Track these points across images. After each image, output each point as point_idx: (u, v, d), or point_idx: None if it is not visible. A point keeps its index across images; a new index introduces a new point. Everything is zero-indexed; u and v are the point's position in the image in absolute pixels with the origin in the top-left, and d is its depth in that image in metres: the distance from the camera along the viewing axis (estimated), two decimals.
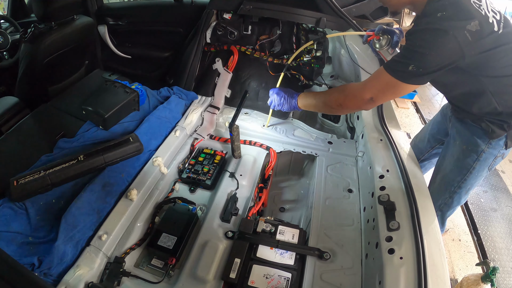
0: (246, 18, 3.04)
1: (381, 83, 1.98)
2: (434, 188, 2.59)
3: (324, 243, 1.98)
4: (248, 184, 2.34)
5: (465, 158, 2.37)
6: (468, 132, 2.33)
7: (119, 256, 1.78)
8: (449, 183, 2.50)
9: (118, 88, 2.48)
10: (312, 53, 3.13)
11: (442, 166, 2.57)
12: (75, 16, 3.02)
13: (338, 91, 2.20)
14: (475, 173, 2.38)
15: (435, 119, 2.85)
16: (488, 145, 2.27)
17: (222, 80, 3.04)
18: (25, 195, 1.78)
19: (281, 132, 2.80)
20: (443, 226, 2.78)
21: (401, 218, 1.80)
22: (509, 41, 1.92)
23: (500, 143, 2.25)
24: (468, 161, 2.36)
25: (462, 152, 2.38)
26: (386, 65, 1.95)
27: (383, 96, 2.03)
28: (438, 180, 2.58)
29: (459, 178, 2.44)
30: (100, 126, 2.32)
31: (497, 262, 3.66)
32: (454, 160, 2.45)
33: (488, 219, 4.19)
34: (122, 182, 2.05)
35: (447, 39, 1.76)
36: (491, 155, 2.31)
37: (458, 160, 2.41)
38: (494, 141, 2.25)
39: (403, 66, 1.86)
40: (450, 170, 2.48)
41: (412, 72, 1.84)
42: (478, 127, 2.26)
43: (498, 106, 2.10)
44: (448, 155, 2.52)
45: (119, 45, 3.60)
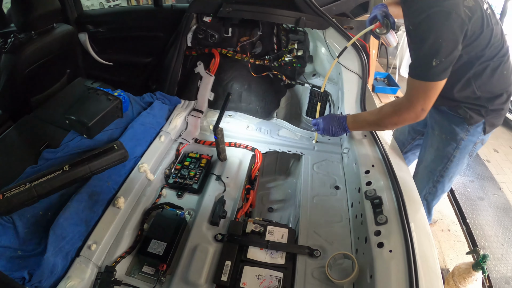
0: (226, 20, 3.05)
1: (420, 92, 1.98)
2: (418, 178, 2.64)
3: (314, 241, 1.99)
4: (235, 186, 2.34)
5: (445, 147, 2.42)
6: (446, 121, 2.37)
7: (110, 265, 1.77)
8: (431, 173, 2.55)
9: (101, 96, 2.46)
10: (294, 53, 3.15)
11: (423, 156, 2.62)
12: (55, 25, 3.00)
13: (389, 112, 2.14)
14: (456, 161, 2.43)
15: None
16: (467, 133, 2.32)
17: (205, 84, 3.05)
18: (11, 208, 1.76)
19: (265, 133, 2.81)
20: (429, 215, 2.83)
21: (388, 212, 1.82)
22: (492, 23, 1.96)
23: (478, 130, 2.30)
24: (448, 150, 2.42)
25: (442, 141, 2.43)
26: (413, 74, 1.97)
27: (430, 100, 1.99)
28: (421, 171, 2.64)
29: (440, 167, 2.49)
30: (84, 135, 2.31)
31: (487, 249, 3.71)
32: (434, 149, 2.50)
33: (476, 208, 4.25)
34: (109, 190, 2.04)
35: (452, 19, 1.78)
36: (471, 142, 2.36)
37: (438, 149, 2.47)
38: (472, 128, 2.30)
39: (427, 66, 1.87)
40: (431, 160, 2.53)
41: (438, 67, 1.85)
42: (455, 115, 2.31)
43: (476, 90, 2.14)
44: (428, 146, 2.57)
45: (100, 52, 3.58)
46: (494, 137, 5.82)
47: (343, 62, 2.73)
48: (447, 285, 3.09)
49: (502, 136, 5.93)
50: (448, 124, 2.38)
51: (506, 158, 5.36)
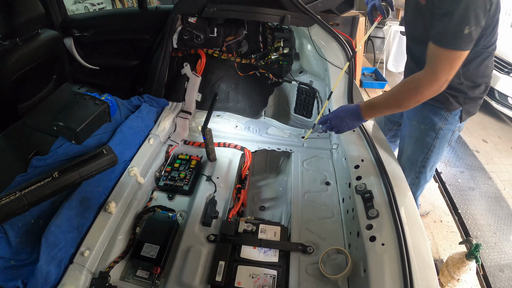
0: (211, 20, 3.04)
1: (447, 61, 1.87)
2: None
3: (307, 238, 2.01)
4: (225, 186, 2.35)
5: (424, 138, 2.45)
6: (424, 111, 2.40)
7: (104, 271, 1.78)
8: (413, 164, 2.58)
9: (88, 101, 2.44)
10: (280, 51, 3.16)
11: (403, 148, 2.65)
12: (40, 30, 2.97)
13: (408, 89, 2.03)
14: (436, 151, 2.46)
15: None
16: (445, 122, 2.35)
17: (192, 85, 3.05)
18: (2, 218, 1.74)
19: (254, 132, 2.83)
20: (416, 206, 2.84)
21: (379, 206, 1.84)
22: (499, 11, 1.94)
23: (455, 118, 2.33)
24: (428, 140, 2.44)
25: (421, 132, 2.45)
26: (441, 42, 1.85)
27: (454, 71, 1.90)
28: (402, 162, 2.65)
29: (421, 157, 2.52)
30: (72, 140, 2.29)
31: (480, 238, 3.75)
32: (414, 141, 2.52)
33: (467, 198, 4.28)
34: (100, 195, 2.04)
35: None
36: (449, 131, 2.39)
37: (418, 140, 2.49)
38: (450, 117, 2.33)
39: (458, 34, 1.79)
40: (412, 151, 2.56)
41: (468, 35, 1.78)
42: (433, 104, 2.33)
43: (462, 76, 2.15)
44: (407, 136, 2.59)
45: (86, 56, 3.56)
46: (482, 127, 5.87)
47: (329, 58, 2.74)
48: (441, 275, 3.11)
49: (491, 127, 5.98)
50: (427, 114, 2.40)
51: (495, 148, 5.41)
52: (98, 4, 8.13)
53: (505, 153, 5.34)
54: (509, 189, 4.56)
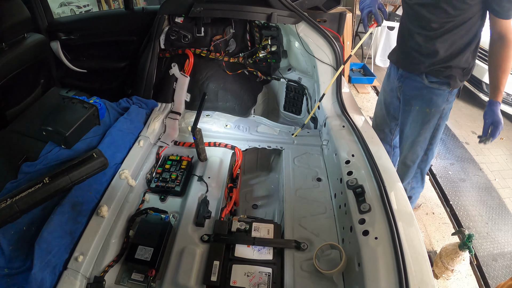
0: (198, 20, 3.04)
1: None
2: (409, 153, 2.82)
3: (300, 234, 2.02)
4: (217, 186, 2.34)
5: (430, 120, 2.62)
6: (427, 95, 2.58)
7: (99, 276, 1.76)
8: (422, 144, 2.74)
9: (76, 104, 2.43)
10: (268, 49, 3.16)
11: (409, 132, 2.78)
12: (26, 35, 2.95)
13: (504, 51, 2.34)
14: (440, 128, 2.66)
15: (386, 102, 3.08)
16: (447, 102, 2.56)
17: (180, 85, 3.03)
18: None
19: (244, 130, 2.82)
20: (423, 182, 3.01)
21: (371, 200, 1.86)
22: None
23: (453, 96, 2.57)
24: (434, 121, 2.63)
25: (427, 115, 2.62)
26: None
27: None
28: (409, 145, 2.80)
29: (429, 136, 2.69)
30: (62, 145, 2.27)
31: (472, 229, 3.78)
32: (419, 124, 2.67)
33: (458, 190, 4.31)
34: (91, 199, 2.02)
35: None
36: (449, 109, 2.61)
37: (424, 123, 2.65)
38: (451, 96, 2.54)
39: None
40: (419, 133, 2.70)
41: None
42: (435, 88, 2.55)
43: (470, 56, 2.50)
44: (410, 122, 2.73)
45: (73, 60, 3.53)
46: (471, 119, 5.92)
47: (317, 55, 2.75)
48: (435, 266, 3.13)
49: (480, 118, 5.95)
50: (430, 97, 2.58)
51: None
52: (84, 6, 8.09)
53: (494, 144, 5.36)
54: (499, 180, 4.60)
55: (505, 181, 4.59)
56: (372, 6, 2.42)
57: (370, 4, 2.44)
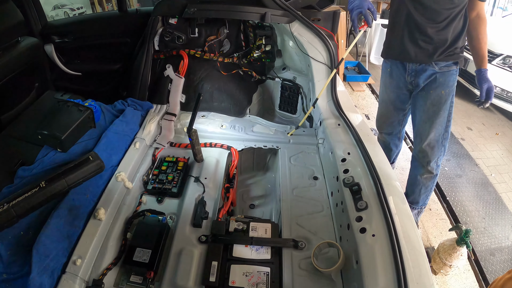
0: (192, 21, 3.04)
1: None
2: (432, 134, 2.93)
3: (298, 233, 2.02)
4: (214, 186, 2.34)
5: (447, 100, 2.79)
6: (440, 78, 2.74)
7: (97, 279, 1.76)
8: (442, 124, 2.87)
9: (71, 108, 2.42)
10: (262, 48, 3.16)
11: (429, 116, 2.89)
12: (20, 38, 2.93)
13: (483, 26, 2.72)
14: (453, 104, 2.83)
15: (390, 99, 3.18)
16: (454, 79, 2.75)
17: (175, 86, 3.02)
18: None
19: (240, 130, 2.82)
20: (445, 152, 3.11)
21: (368, 197, 1.86)
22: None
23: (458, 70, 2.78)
24: (449, 100, 2.80)
25: (442, 96, 2.77)
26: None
27: None
28: (430, 128, 2.91)
29: (447, 114, 2.84)
30: (58, 148, 2.27)
31: (469, 224, 3.80)
32: (436, 106, 2.82)
33: (454, 186, 4.33)
34: (88, 203, 2.01)
35: None
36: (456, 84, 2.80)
37: (440, 103, 2.79)
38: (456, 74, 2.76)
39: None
40: (438, 115, 2.83)
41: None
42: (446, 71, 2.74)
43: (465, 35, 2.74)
44: (428, 106, 2.87)
45: (68, 62, 3.50)
46: (466, 115, 5.94)
47: (311, 53, 2.75)
48: (433, 262, 3.14)
49: (474, 114, 6.04)
50: (443, 79, 2.75)
51: (480, 135, 5.47)
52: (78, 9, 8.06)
53: (490, 139, 5.41)
54: (495, 175, 4.62)
55: (501, 176, 4.61)
56: (362, 8, 2.42)
57: (360, 5, 2.44)
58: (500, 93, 5.66)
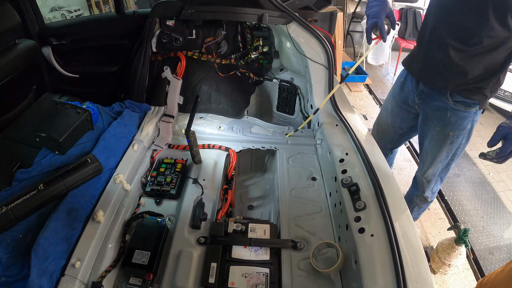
0: (189, 22, 3.04)
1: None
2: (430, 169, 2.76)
3: (296, 233, 2.03)
4: (212, 188, 2.34)
5: (453, 141, 2.51)
6: (452, 117, 2.39)
7: (96, 281, 1.76)
8: (443, 162, 2.66)
9: (69, 110, 2.42)
10: (259, 49, 3.17)
11: (431, 151, 2.67)
12: (17, 41, 2.92)
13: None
14: (463, 145, 2.55)
15: (394, 112, 2.92)
16: (472, 122, 2.38)
17: (173, 88, 3.03)
18: None
19: (238, 132, 2.83)
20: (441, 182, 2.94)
21: (366, 198, 1.88)
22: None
23: (479, 113, 2.37)
24: (457, 142, 2.51)
25: (450, 137, 2.49)
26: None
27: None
28: (430, 162, 2.72)
29: (451, 154, 2.60)
30: (56, 151, 2.27)
31: (468, 223, 3.82)
32: (440, 144, 2.56)
33: (453, 185, 4.34)
34: (87, 205, 2.02)
35: None
36: (474, 126, 2.44)
37: (445, 144, 2.54)
38: (477, 115, 2.36)
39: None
40: (442, 153, 2.61)
41: None
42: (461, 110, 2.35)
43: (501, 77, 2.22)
44: (430, 139, 2.62)
45: (65, 65, 3.50)
46: None
47: (309, 54, 2.76)
48: (432, 262, 3.16)
49: None
50: (454, 120, 2.40)
51: (477, 134, 5.48)
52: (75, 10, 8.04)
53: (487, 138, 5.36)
54: (493, 174, 4.63)
55: (499, 175, 4.62)
56: (379, 18, 2.17)
57: (378, 13, 2.19)
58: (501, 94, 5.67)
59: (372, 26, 2.22)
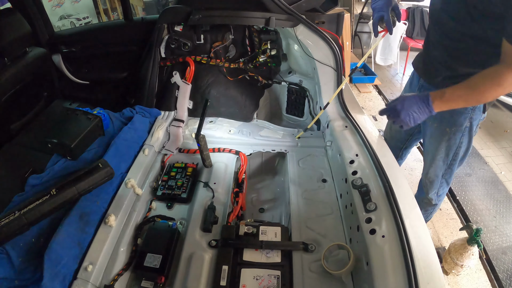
0: (197, 27, 3.05)
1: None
2: (431, 168, 2.69)
3: (307, 236, 2.03)
4: (223, 191, 2.36)
5: (451, 139, 2.44)
6: (447, 114, 2.31)
7: (108, 284, 1.77)
8: (444, 160, 2.59)
9: (80, 116, 2.45)
10: (267, 53, 3.17)
11: (430, 149, 2.63)
12: (28, 49, 2.95)
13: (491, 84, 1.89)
14: (464, 145, 2.47)
15: None
16: (470, 119, 2.33)
17: (182, 92, 3.04)
18: (3, 239, 1.75)
19: (247, 135, 2.84)
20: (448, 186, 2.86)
21: (377, 199, 1.86)
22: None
23: (479, 112, 2.32)
24: (455, 140, 2.44)
25: (447, 134, 2.44)
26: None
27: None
28: (430, 161, 2.66)
29: (451, 153, 2.53)
30: (67, 157, 2.30)
31: (480, 223, 3.78)
32: (438, 142, 2.51)
33: (464, 185, 4.30)
34: (99, 209, 2.03)
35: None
36: (475, 125, 2.38)
37: (444, 141, 2.48)
38: (475, 113, 2.31)
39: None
40: (440, 151, 2.55)
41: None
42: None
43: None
44: (432, 140, 2.58)
45: (75, 72, 3.54)
46: None
47: (317, 56, 2.76)
48: (445, 262, 3.13)
49: None
50: (450, 116, 2.36)
51: (488, 133, 5.43)
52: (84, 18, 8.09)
53: (498, 137, 5.37)
54: (505, 172, 4.59)
55: (511, 174, 4.58)
56: (385, 11, 2.18)
57: (383, 7, 2.21)
58: None
59: (379, 20, 2.24)
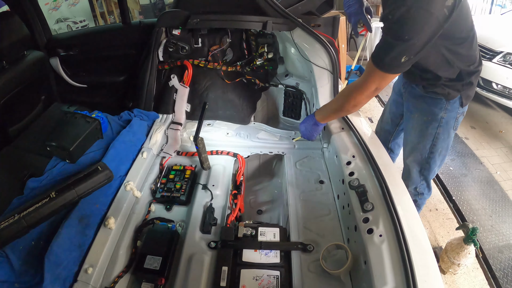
0: (195, 31, 3.07)
1: (378, 79, 2.01)
2: (410, 159, 2.72)
3: (306, 236, 2.04)
4: (221, 193, 2.37)
5: (427, 128, 2.49)
6: (423, 104, 2.46)
7: (109, 287, 1.77)
8: (421, 152, 2.62)
9: (79, 119, 2.45)
10: (264, 56, 3.19)
11: (409, 139, 2.69)
12: (26, 52, 2.96)
13: (344, 97, 2.24)
14: (441, 137, 2.51)
15: (391, 99, 2.98)
16: (445, 111, 2.40)
17: (180, 96, 3.05)
18: (3, 242, 1.75)
19: (245, 137, 2.85)
20: (429, 189, 2.89)
21: (373, 199, 1.88)
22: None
23: (455, 105, 2.37)
24: (431, 130, 2.49)
25: (424, 123, 2.50)
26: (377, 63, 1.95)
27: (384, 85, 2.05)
28: (409, 151, 2.71)
29: (428, 145, 2.57)
30: (66, 160, 2.30)
31: (476, 222, 3.80)
32: (417, 131, 2.57)
33: (460, 185, 4.33)
34: (98, 212, 2.04)
35: (431, 20, 1.74)
36: (451, 118, 2.43)
37: (422, 130, 2.54)
38: (450, 105, 2.37)
39: (396, 61, 1.87)
40: (417, 141, 2.60)
41: (405, 63, 1.87)
42: (431, 97, 2.39)
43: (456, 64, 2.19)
44: (410, 128, 2.64)
45: (73, 75, 3.55)
46: (470, 114, 5.92)
47: (313, 59, 2.78)
48: (442, 262, 3.15)
49: (478, 113, 6.04)
50: (427, 106, 2.45)
51: (483, 133, 5.47)
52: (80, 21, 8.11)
53: (493, 137, 5.41)
54: (501, 172, 4.62)
55: (506, 174, 4.62)
56: (360, 13, 2.40)
57: (357, 10, 2.41)
58: (502, 90, 5.62)
59: (357, 23, 2.45)
